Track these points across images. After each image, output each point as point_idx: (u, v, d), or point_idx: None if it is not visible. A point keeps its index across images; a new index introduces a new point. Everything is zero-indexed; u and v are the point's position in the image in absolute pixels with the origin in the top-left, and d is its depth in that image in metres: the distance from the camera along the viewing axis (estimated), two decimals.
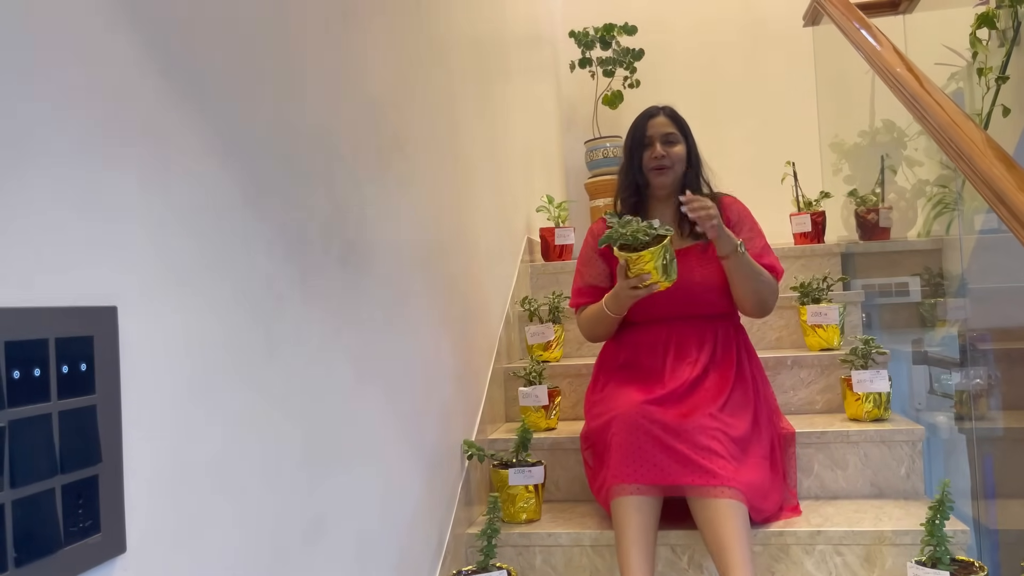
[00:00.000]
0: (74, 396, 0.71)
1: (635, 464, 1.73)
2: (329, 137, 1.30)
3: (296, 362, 1.14)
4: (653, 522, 1.71)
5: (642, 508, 1.70)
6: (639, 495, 1.71)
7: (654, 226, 1.77)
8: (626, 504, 1.71)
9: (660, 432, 1.73)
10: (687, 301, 1.98)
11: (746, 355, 2.00)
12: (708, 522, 1.67)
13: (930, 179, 2.88)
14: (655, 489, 1.72)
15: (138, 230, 0.81)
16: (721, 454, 1.72)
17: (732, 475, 1.68)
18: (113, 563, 0.75)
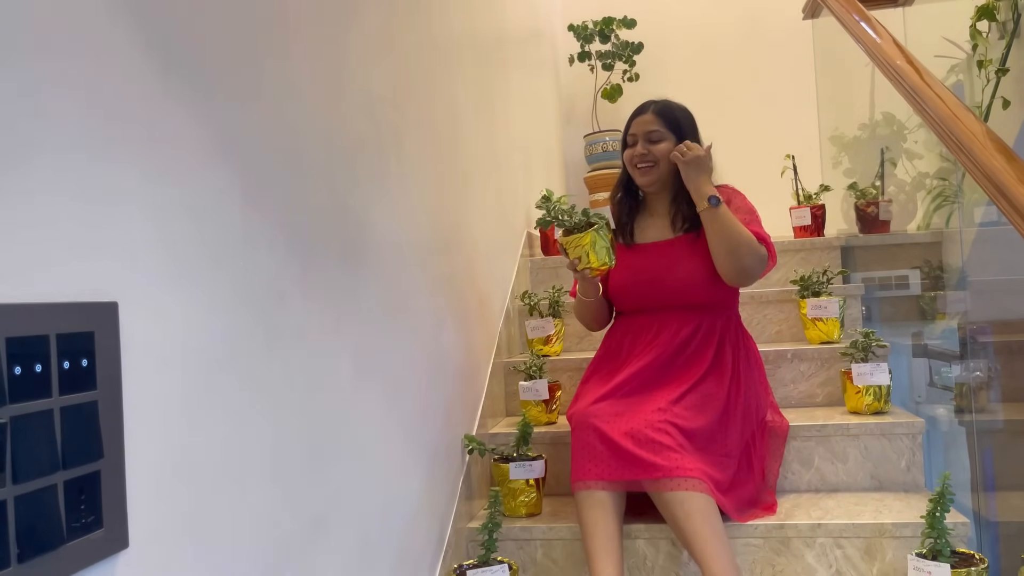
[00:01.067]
0: (75, 392, 0.71)
1: (587, 461, 1.77)
2: (329, 134, 1.29)
3: (297, 358, 1.14)
4: (612, 515, 1.74)
5: (596, 503, 1.74)
6: (592, 490, 1.75)
7: (588, 213, 1.89)
8: (582, 499, 1.76)
9: (606, 429, 1.77)
10: (674, 291, 1.99)
11: (732, 348, 1.98)
12: (669, 515, 1.70)
13: (930, 172, 2.88)
14: (607, 484, 1.74)
15: (139, 226, 0.81)
16: (670, 446, 1.72)
17: (685, 464, 1.69)
18: (116, 559, 0.75)
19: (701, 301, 1.99)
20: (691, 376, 1.90)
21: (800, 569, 1.79)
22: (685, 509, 1.65)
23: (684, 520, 1.65)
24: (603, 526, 1.71)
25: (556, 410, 2.33)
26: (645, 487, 1.72)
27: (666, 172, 2.01)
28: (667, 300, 2.01)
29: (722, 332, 1.98)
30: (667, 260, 2.01)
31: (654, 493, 1.71)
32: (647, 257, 2.04)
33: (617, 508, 1.75)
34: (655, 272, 2.02)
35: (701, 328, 1.97)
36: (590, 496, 1.74)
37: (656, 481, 1.69)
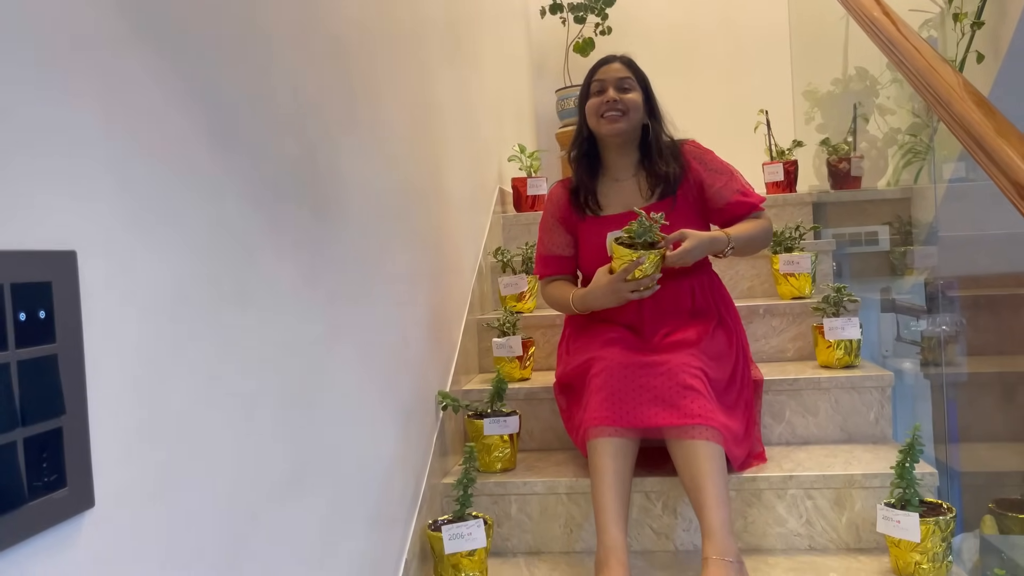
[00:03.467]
0: (33, 345, 0.67)
1: (614, 407, 1.71)
2: (298, 81, 1.24)
3: (269, 312, 1.11)
4: (629, 466, 1.71)
5: (619, 452, 1.70)
6: (617, 437, 1.70)
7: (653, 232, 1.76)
8: (603, 447, 1.70)
9: (642, 373, 1.72)
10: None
11: (723, 305, 1.99)
12: (685, 461, 1.67)
13: (902, 128, 2.89)
14: (633, 432, 1.71)
15: (99, 171, 0.76)
16: (702, 392, 1.70)
17: (711, 415, 1.68)
18: (82, 518, 0.72)
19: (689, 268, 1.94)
20: (706, 331, 1.87)
21: (771, 520, 1.81)
22: (704, 456, 1.64)
23: (699, 468, 1.63)
24: (620, 479, 1.68)
25: (530, 366, 2.32)
26: (667, 432, 1.69)
27: (635, 124, 1.96)
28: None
29: (712, 290, 1.98)
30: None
31: (674, 440, 1.68)
32: (620, 227, 1.89)
33: (633, 459, 1.73)
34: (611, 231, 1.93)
35: (694, 289, 1.95)
36: (613, 444, 1.69)
37: (683, 427, 1.66)
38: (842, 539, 1.79)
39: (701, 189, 1.98)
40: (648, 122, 1.98)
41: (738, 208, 1.96)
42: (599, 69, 1.98)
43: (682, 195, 1.97)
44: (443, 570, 1.69)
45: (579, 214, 2.03)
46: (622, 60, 1.99)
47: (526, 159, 3.01)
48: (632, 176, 2.01)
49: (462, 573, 1.68)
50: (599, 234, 1.97)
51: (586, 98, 1.99)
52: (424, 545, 1.74)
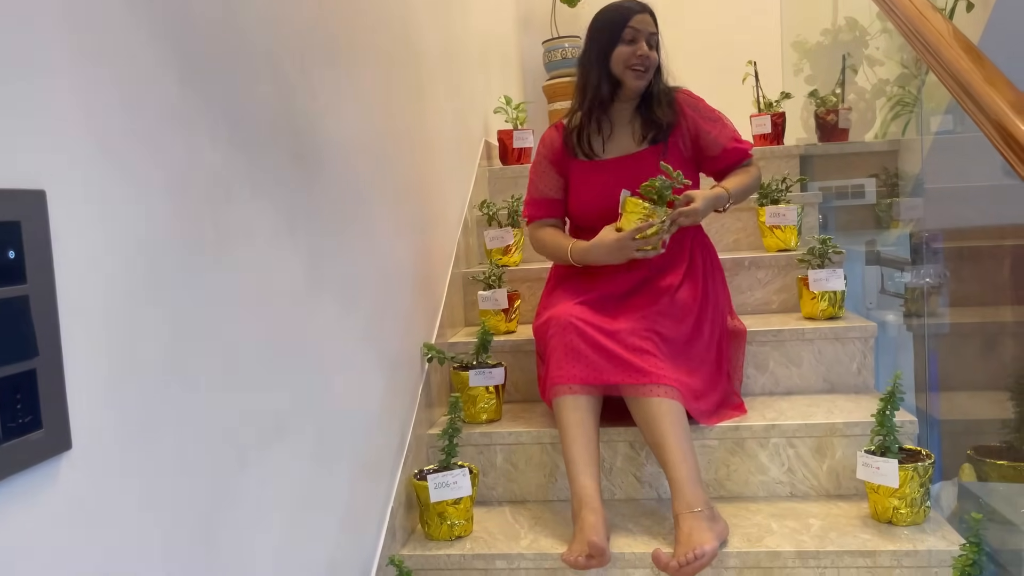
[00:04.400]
0: (3, 285, 0.65)
1: (570, 364, 1.74)
2: (276, 17, 1.21)
3: (248, 257, 1.09)
4: (592, 418, 1.74)
5: (579, 406, 1.72)
6: (575, 394, 1.73)
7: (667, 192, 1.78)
8: (563, 403, 1.73)
9: (593, 333, 1.74)
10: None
11: (701, 254, 1.99)
12: (643, 420, 1.70)
13: (890, 79, 2.86)
14: (591, 388, 1.73)
15: (67, 107, 0.74)
16: (653, 353, 1.73)
17: (664, 373, 1.71)
18: (59, 459, 0.72)
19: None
20: (668, 285, 1.89)
21: (753, 467, 1.84)
22: (661, 412, 1.66)
23: (657, 425, 1.66)
24: (584, 432, 1.71)
25: (515, 319, 2.32)
26: (623, 391, 1.73)
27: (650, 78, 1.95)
28: None
29: (691, 240, 1.97)
30: (636, 175, 1.90)
31: (631, 398, 1.72)
32: (614, 172, 1.96)
33: (596, 412, 1.75)
34: (628, 187, 1.91)
35: (674, 239, 1.94)
36: (574, 400, 1.72)
37: (637, 386, 1.69)
38: (823, 486, 1.82)
39: (696, 137, 1.98)
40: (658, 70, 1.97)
41: (733, 155, 1.98)
42: (634, 17, 1.89)
43: (672, 142, 1.96)
44: (429, 518, 1.71)
45: (572, 157, 2.02)
46: (651, 13, 1.93)
47: (512, 111, 2.97)
48: (628, 122, 2.00)
49: (448, 521, 1.70)
50: (591, 179, 1.98)
51: (613, 43, 1.90)
52: (410, 494, 1.75)
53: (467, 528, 1.73)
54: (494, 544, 1.68)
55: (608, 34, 1.92)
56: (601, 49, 1.92)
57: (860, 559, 1.54)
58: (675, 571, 1.49)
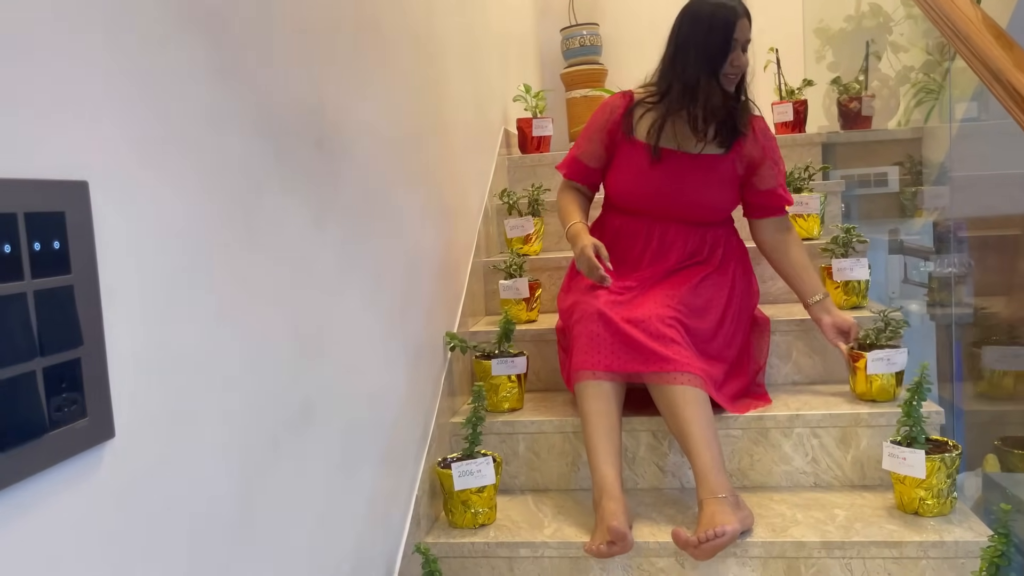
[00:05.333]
0: (49, 275, 0.66)
1: (594, 352, 1.74)
2: (301, 10, 1.21)
3: (277, 248, 1.10)
4: (615, 407, 1.74)
5: (602, 393, 1.73)
6: (598, 380, 1.73)
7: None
8: (586, 389, 1.74)
9: (617, 321, 1.74)
10: (683, 208, 1.94)
11: (732, 257, 1.99)
12: (667, 408, 1.70)
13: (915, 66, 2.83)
14: (614, 375, 1.74)
15: (106, 99, 0.75)
16: (677, 341, 1.73)
17: (688, 361, 1.71)
18: (102, 448, 0.73)
19: (710, 221, 1.98)
20: (695, 274, 1.90)
21: (777, 457, 1.83)
22: (685, 399, 1.67)
23: (681, 412, 1.66)
24: (606, 420, 1.71)
25: (536, 308, 2.32)
26: (646, 379, 1.72)
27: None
28: (676, 214, 1.94)
29: (725, 243, 1.97)
30: (686, 176, 1.89)
31: (655, 386, 1.72)
32: (666, 165, 1.90)
33: (619, 401, 1.76)
34: (672, 186, 1.90)
35: (706, 241, 1.96)
36: (597, 387, 1.73)
37: (661, 374, 1.69)
38: (847, 476, 1.81)
39: (755, 165, 1.94)
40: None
41: (776, 200, 1.98)
42: (737, 23, 1.81)
43: (731, 157, 1.92)
44: (452, 506, 1.72)
45: (626, 134, 1.94)
46: (748, 16, 1.85)
47: (531, 99, 2.96)
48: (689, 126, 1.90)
49: (471, 509, 1.70)
50: (639, 163, 1.91)
51: (716, 48, 1.81)
52: (434, 482, 1.76)
53: (490, 516, 1.74)
54: (518, 532, 1.69)
55: (718, 40, 1.81)
56: (711, 56, 1.82)
57: (886, 550, 1.53)
58: (694, 547, 1.49)
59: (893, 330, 1.91)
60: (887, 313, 1.92)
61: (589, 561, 1.62)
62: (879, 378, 1.84)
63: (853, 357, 1.87)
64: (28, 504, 0.64)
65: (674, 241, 1.94)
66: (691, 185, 1.90)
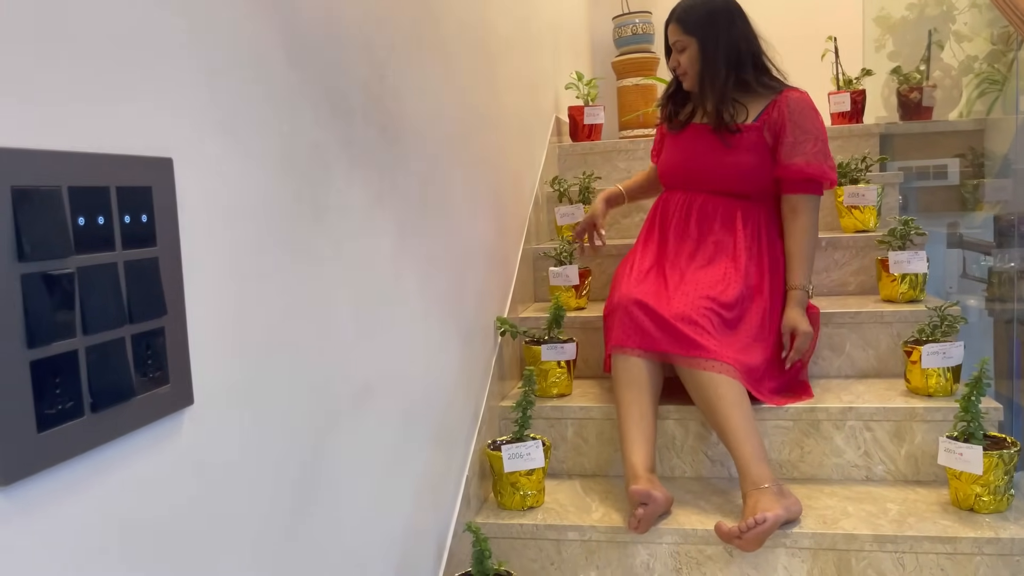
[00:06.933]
0: (137, 247, 0.69)
1: (627, 331, 1.79)
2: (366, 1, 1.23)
3: (343, 228, 1.12)
4: (647, 393, 1.76)
5: (633, 379, 1.77)
6: (626, 354, 1.78)
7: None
8: (617, 363, 1.80)
9: (654, 306, 1.78)
10: (712, 180, 2.00)
11: (771, 237, 1.97)
12: (700, 396, 1.72)
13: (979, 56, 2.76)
14: (645, 353, 1.77)
15: (190, 80, 0.78)
16: (709, 330, 1.75)
17: (719, 350, 1.72)
18: (182, 414, 0.76)
19: (739, 191, 1.98)
20: (735, 265, 1.90)
21: (828, 450, 1.82)
22: (719, 392, 1.67)
23: (716, 403, 1.67)
24: (637, 408, 1.74)
25: (586, 295, 2.33)
26: (680, 363, 1.74)
27: (695, 76, 2.00)
28: (708, 186, 2.01)
29: (762, 221, 1.96)
30: (699, 147, 2.02)
31: (687, 372, 1.73)
32: (687, 141, 2.06)
33: (653, 385, 1.77)
34: (692, 155, 2.04)
35: (738, 215, 1.96)
36: (626, 363, 1.76)
37: (693, 359, 1.71)
38: (900, 471, 1.79)
39: (777, 133, 1.96)
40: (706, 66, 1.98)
41: (791, 173, 1.93)
42: (667, 29, 2.05)
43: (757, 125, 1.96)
44: (502, 487, 1.74)
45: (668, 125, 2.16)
46: (676, 17, 2.02)
47: (583, 87, 2.96)
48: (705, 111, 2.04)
49: (520, 491, 1.73)
50: (676, 143, 2.10)
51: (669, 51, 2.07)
52: (484, 464, 1.79)
53: (539, 499, 1.76)
54: (565, 516, 1.71)
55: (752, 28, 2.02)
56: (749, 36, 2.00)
57: (940, 545, 1.52)
58: (738, 536, 1.50)
59: (949, 325, 1.87)
60: (944, 308, 1.88)
61: (637, 547, 1.64)
62: (935, 373, 1.81)
63: (907, 351, 1.85)
64: (114, 464, 0.68)
65: (711, 214, 1.98)
66: (708, 151, 1.99)
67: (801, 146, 1.92)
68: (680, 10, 2.01)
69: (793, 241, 1.94)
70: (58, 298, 0.60)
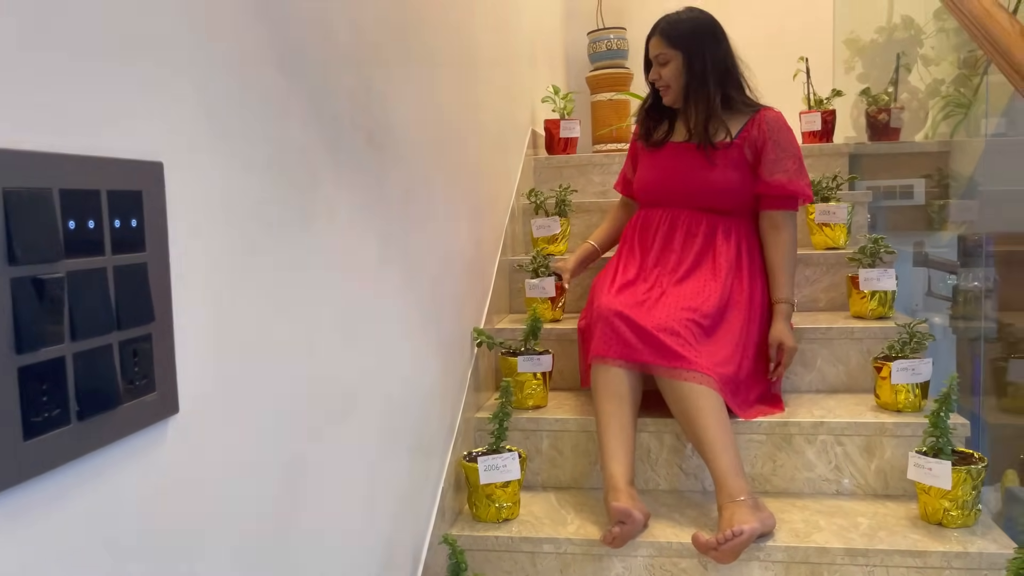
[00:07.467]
0: (126, 252, 0.68)
1: (608, 342, 1.80)
2: (355, 13, 1.23)
3: (330, 236, 1.12)
4: (627, 404, 1.77)
5: (612, 391, 1.77)
6: (606, 365, 1.78)
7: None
8: (597, 375, 1.80)
9: (635, 318, 1.79)
10: (696, 196, 2.03)
11: (749, 252, 2.00)
12: (678, 407, 1.73)
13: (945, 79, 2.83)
14: (626, 364, 1.78)
15: (183, 84, 0.77)
16: (690, 341, 1.77)
17: (700, 361, 1.74)
18: (167, 423, 0.75)
19: (719, 206, 2.01)
20: (713, 279, 1.92)
21: (800, 464, 1.84)
22: (699, 404, 1.68)
23: (695, 414, 1.68)
24: (617, 420, 1.74)
25: (561, 307, 2.33)
26: (661, 374, 1.75)
27: (678, 90, 2.04)
28: (683, 200, 2.05)
29: (742, 235, 2.00)
30: (683, 163, 2.05)
31: (668, 383, 1.73)
32: (668, 157, 2.09)
33: (633, 397, 1.77)
34: (673, 172, 2.07)
35: (719, 230, 1.99)
36: (607, 374, 1.77)
37: (675, 370, 1.72)
38: (870, 485, 1.82)
39: (757, 151, 2.00)
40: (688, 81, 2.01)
41: (774, 189, 1.98)
42: (647, 43, 2.08)
43: (737, 143, 2.00)
44: (477, 499, 1.73)
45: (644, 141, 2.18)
46: (660, 31, 2.05)
47: (560, 100, 2.98)
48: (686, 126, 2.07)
49: (495, 503, 1.72)
50: (653, 160, 2.13)
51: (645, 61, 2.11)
52: (459, 475, 1.78)
53: (514, 511, 1.75)
54: (541, 528, 1.70)
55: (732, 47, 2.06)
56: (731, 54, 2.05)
57: (910, 559, 1.54)
58: (714, 548, 1.51)
59: (918, 342, 1.91)
60: (913, 325, 1.92)
61: (612, 559, 1.64)
62: (904, 389, 1.85)
63: (877, 367, 1.88)
64: (99, 474, 0.66)
65: (690, 228, 2.01)
66: (692, 167, 2.02)
67: (782, 163, 1.96)
68: (665, 24, 2.04)
69: (776, 255, 1.97)
70: (47, 303, 0.59)
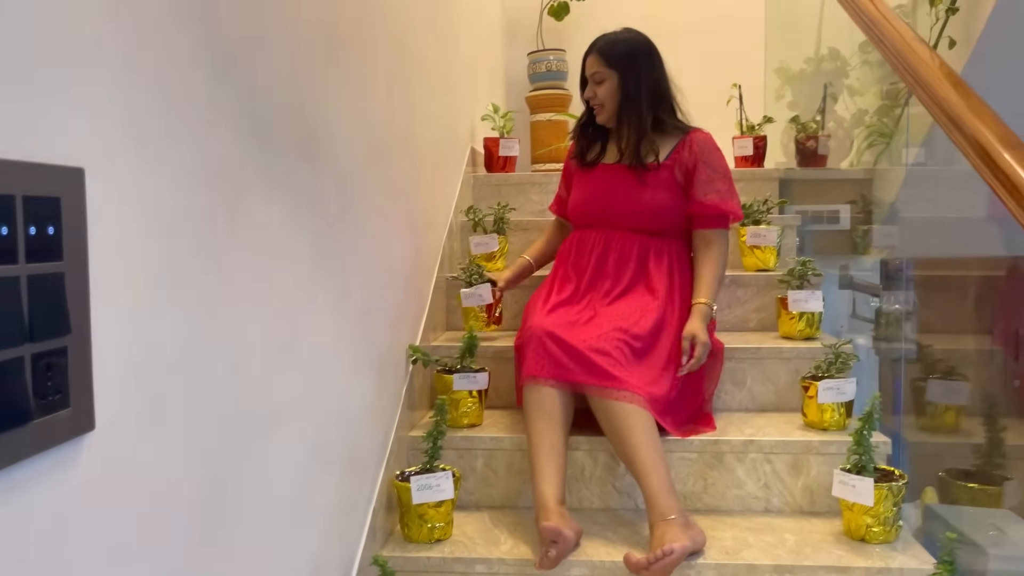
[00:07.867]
0: (42, 261, 0.65)
1: (540, 361, 1.80)
2: (289, 16, 1.21)
3: (260, 248, 1.09)
4: (559, 424, 1.77)
5: (544, 411, 1.77)
6: (538, 385, 1.79)
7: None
8: (529, 395, 1.81)
9: (566, 338, 1.80)
10: (628, 217, 2.05)
11: (680, 273, 2.04)
12: (610, 427, 1.74)
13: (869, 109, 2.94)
14: (558, 384, 1.78)
15: (106, 87, 0.74)
16: (622, 362, 1.79)
17: (631, 381, 1.76)
18: (81, 440, 0.71)
19: (652, 228, 2.04)
20: (645, 300, 1.95)
21: (730, 482, 1.87)
22: (629, 423, 1.70)
23: (627, 433, 1.69)
24: (548, 439, 1.74)
25: (498, 318, 2.32)
26: (593, 393, 1.75)
27: (613, 109, 2.07)
28: (615, 221, 2.07)
29: (674, 257, 2.03)
30: (616, 184, 2.07)
31: (599, 402, 1.74)
32: (601, 178, 2.11)
33: (565, 416, 1.78)
34: (606, 193, 2.09)
35: (651, 251, 2.02)
36: (539, 394, 1.77)
37: (606, 389, 1.73)
38: (797, 502, 1.85)
39: (688, 172, 2.04)
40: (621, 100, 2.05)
41: (707, 209, 2.01)
42: (584, 61, 2.10)
43: (668, 164, 2.04)
44: (409, 520, 1.70)
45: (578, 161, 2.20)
46: (597, 49, 2.08)
47: (499, 119, 2.99)
48: (619, 146, 2.10)
49: (428, 523, 1.69)
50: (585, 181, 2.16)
51: (581, 78, 2.12)
52: (391, 495, 1.75)
53: (447, 531, 1.73)
54: (474, 548, 1.68)
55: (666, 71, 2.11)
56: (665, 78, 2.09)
57: (835, 574, 1.57)
58: (645, 568, 1.51)
59: (843, 362, 1.97)
60: (838, 346, 1.98)
61: None
62: (830, 408, 1.90)
63: (804, 386, 1.93)
64: (7, 491, 0.63)
65: (621, 249, 2.04)
66: (624, 188, 2.05)
67: (714, 184, 2.00)
68: (603, 43, 2.07)
69: (704, 266, 2.01)
70: None
